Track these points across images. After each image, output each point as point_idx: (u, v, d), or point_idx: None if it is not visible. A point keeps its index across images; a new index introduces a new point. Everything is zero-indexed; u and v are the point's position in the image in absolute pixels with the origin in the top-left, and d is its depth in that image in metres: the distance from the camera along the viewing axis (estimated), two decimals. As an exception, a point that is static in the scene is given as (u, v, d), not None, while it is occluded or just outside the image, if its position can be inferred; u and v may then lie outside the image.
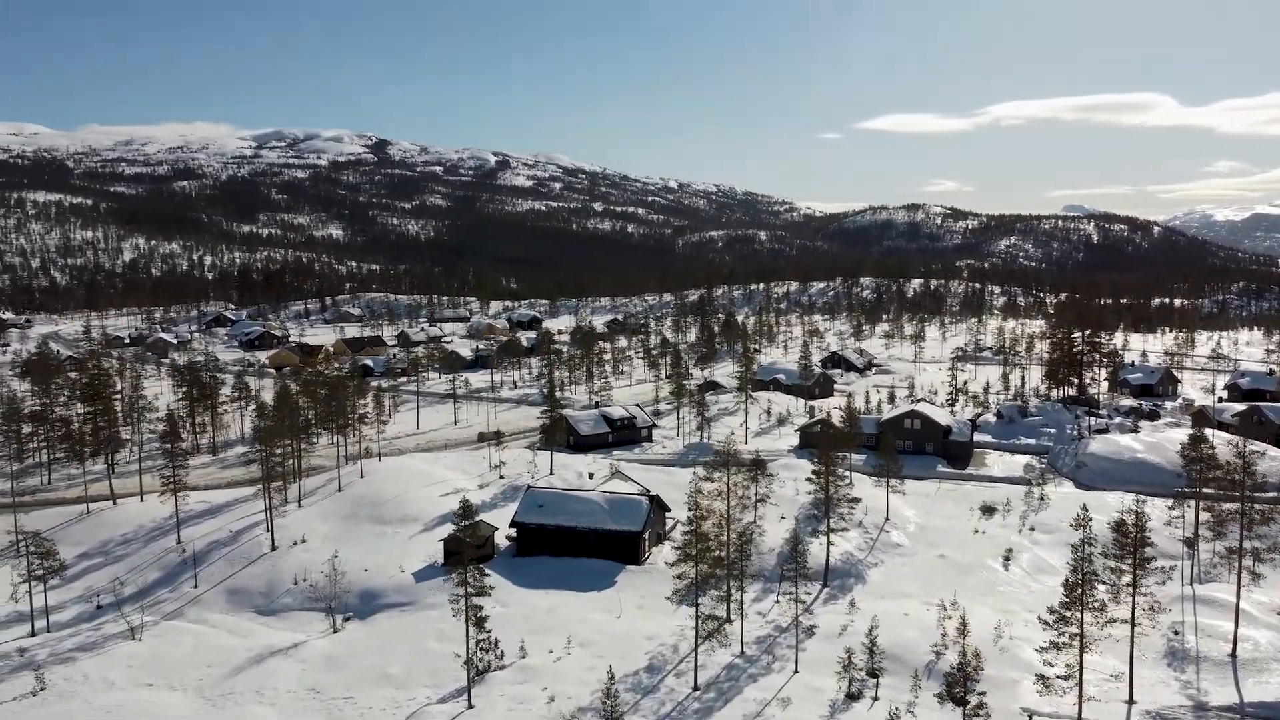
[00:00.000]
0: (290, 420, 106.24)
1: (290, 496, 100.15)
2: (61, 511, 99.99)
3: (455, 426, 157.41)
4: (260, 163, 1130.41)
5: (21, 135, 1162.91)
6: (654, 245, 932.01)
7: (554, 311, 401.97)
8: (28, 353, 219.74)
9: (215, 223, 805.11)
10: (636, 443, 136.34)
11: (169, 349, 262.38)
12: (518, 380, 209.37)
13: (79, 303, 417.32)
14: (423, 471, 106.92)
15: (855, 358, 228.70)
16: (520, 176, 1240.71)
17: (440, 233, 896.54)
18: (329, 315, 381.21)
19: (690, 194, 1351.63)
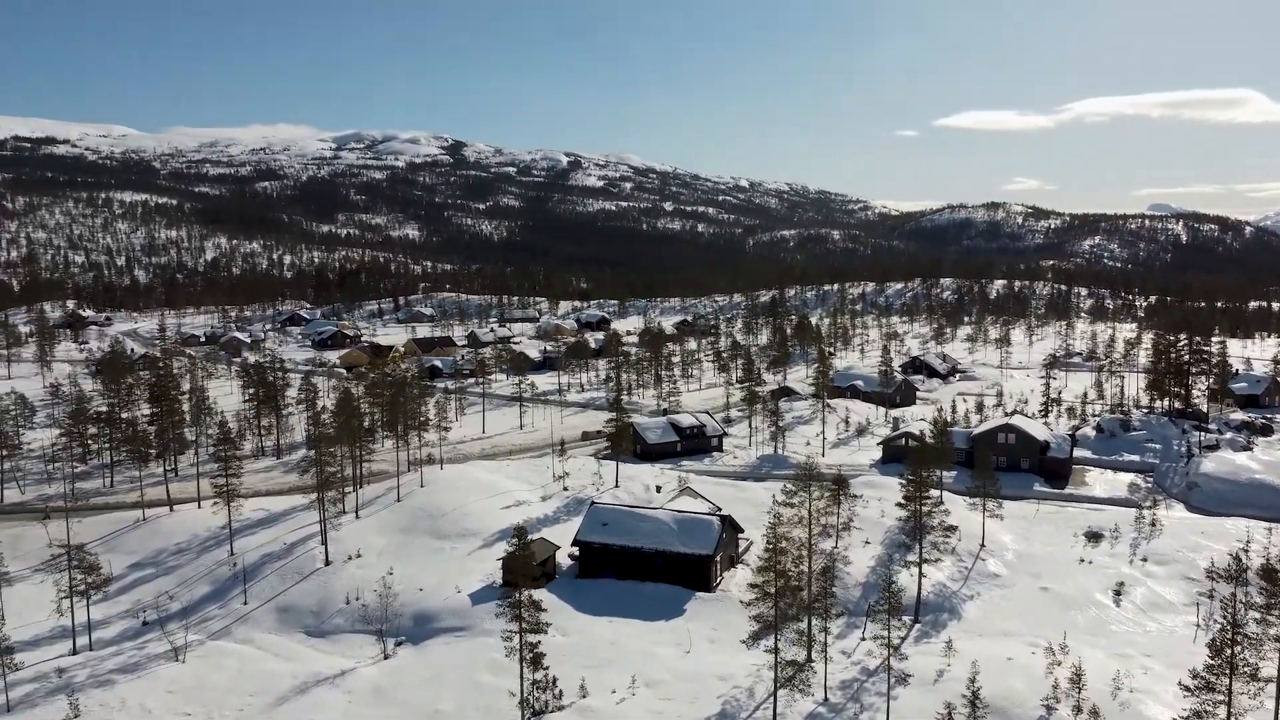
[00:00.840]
0: (348, 426, 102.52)
1: (348, 505, 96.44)
2: (118, 518, 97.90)
3: (521, 431, 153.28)
4: (340, 164, 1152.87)
5: (110, 137, 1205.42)
6: (724, 245, 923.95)
7: (623, 312, 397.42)
8: (101, 351, 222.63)
9: (295, 222, 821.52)
10: (706, 452, 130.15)
11: (242, 348, 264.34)
12: (585, 383, 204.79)
13: (159, 301, 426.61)
14: (484, 481, 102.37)
15: (938, 363, 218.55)
16: (591, 177, 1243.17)
17: (512, 232, 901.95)
18: (401, 315, 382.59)
19: (761, 193, 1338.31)
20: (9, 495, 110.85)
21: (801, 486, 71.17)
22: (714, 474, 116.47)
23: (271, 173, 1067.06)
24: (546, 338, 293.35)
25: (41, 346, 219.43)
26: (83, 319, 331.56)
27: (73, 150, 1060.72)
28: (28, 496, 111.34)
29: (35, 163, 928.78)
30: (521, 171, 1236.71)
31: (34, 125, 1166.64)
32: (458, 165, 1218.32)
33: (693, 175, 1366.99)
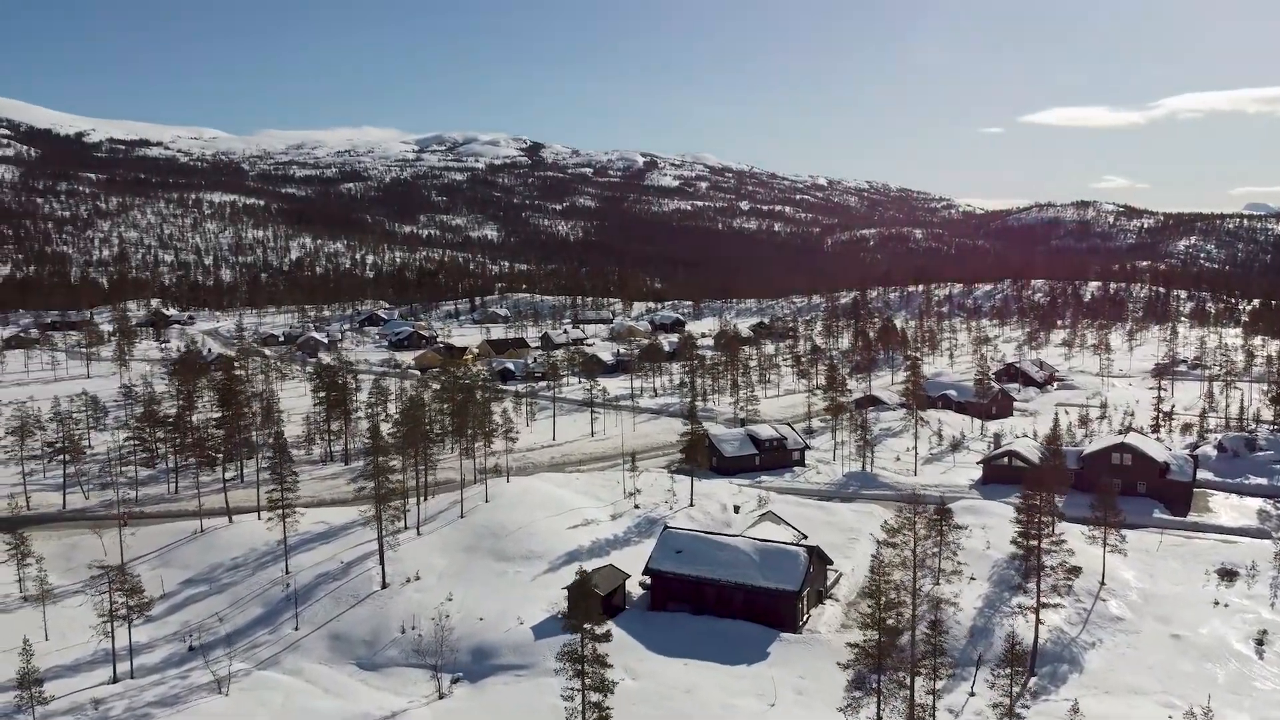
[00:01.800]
0: (412, 434, 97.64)
1: (410, 520, 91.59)
2: (176, 528, 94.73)
3: (592, 439, 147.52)
4: (422, 165, 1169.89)
5: (201, 139, 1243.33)
6: (801, 244, 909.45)
7: (697, 313, 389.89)
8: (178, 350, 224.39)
9: (378, 223, 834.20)
10: (787, 466, 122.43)
11: (319, 348, 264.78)
12: (658, 387, 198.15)
13: (242, 300, 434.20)
14: (552, 497, 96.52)
15: (1034, 370, 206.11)
16: (667, 176, 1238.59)
17: (588, 233, 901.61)
18: (477, 315, 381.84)
19: (840, 191, 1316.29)
20: (72, 500, 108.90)
21: (905, 522, 63.05)
22: (796, 492, 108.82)
23: (356, 174, 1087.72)
24: (619, 340, 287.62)
25: (120, 346, 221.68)
26: (166, 318, 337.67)
27: (165, 152, 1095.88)
28: (91, 502, 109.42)
29: (129, 164, 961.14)
30: (598, 172, 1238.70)
31: (128, 128, 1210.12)
32: (536, 166, 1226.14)
33: (769, 174, 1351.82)
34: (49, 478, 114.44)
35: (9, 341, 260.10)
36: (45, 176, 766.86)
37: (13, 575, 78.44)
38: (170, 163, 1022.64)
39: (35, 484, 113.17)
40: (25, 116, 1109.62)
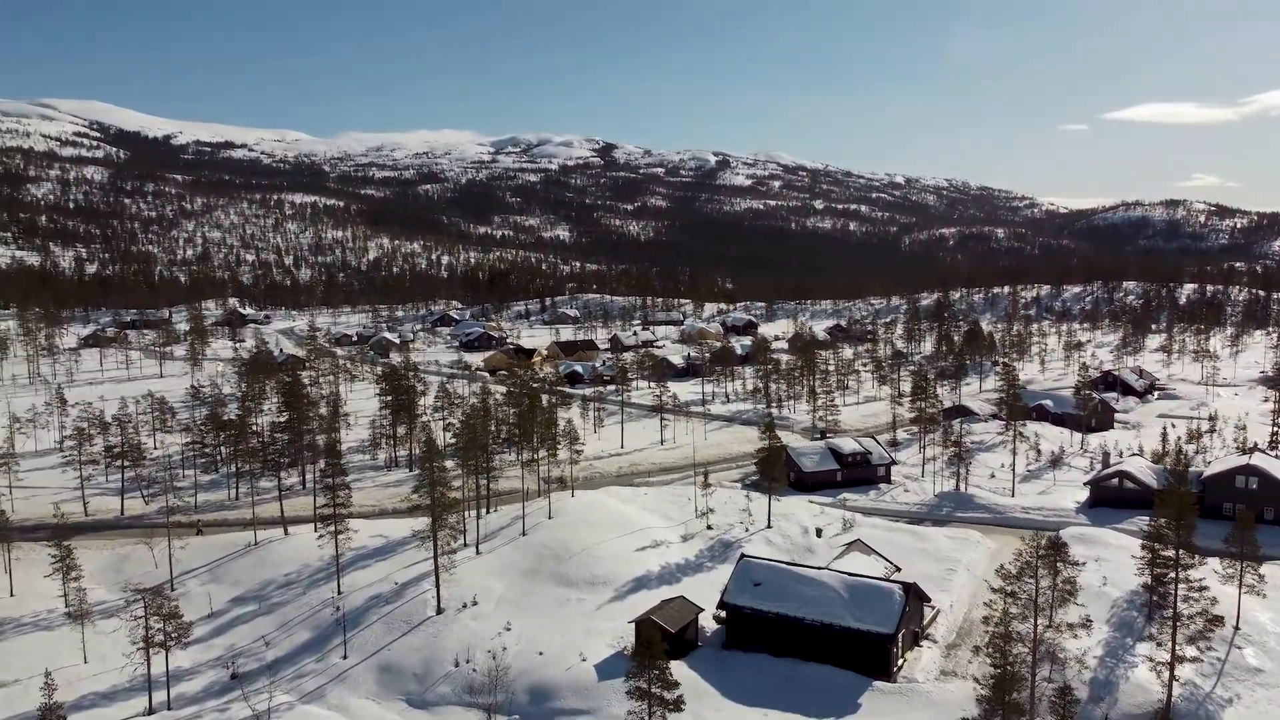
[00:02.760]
0: (473, 444, 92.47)
1: (469, 536, 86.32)
2: (230, 540, 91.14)
3: (661, 447, 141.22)
4: (497, 167, 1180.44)
5: (284, 141, 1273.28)
6: (878, 244, 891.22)
7: (770, 315, 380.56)
8: (250, 350, 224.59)
9: (454, 224, 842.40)
10: (871, 483, 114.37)
11: (391, 349, 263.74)
12: (730, 393, 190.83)
13: (318, 299, 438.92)
14: (618, 515, 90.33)
15: (1134, 379, 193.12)
16: (739, 176, 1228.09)
17: (659, 233, 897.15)
18: (547, 316, 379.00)
19: (918, 189, 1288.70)
20: (131, 506, 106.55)
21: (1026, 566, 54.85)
22: (883, 513, 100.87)
23: (433, 176, 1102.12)
24: (690, 342, 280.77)
25: (193, 345, 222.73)
26: (242, 317, 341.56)
27: (249, 154, 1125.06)
28: (150, 508, 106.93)
29: (214, 166, 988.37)
30: (669, 172, 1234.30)
31: (214, 130, 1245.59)
32: (608, 167, 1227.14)
33: (844, 172, 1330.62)
34: (110, 481, 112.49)
35: (86, 340, 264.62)
36: (133, 178, 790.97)
37: (58, 589, 75.25)
38: (254, 164, 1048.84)
39: (96, 488, 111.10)
40: (115, 119, 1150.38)
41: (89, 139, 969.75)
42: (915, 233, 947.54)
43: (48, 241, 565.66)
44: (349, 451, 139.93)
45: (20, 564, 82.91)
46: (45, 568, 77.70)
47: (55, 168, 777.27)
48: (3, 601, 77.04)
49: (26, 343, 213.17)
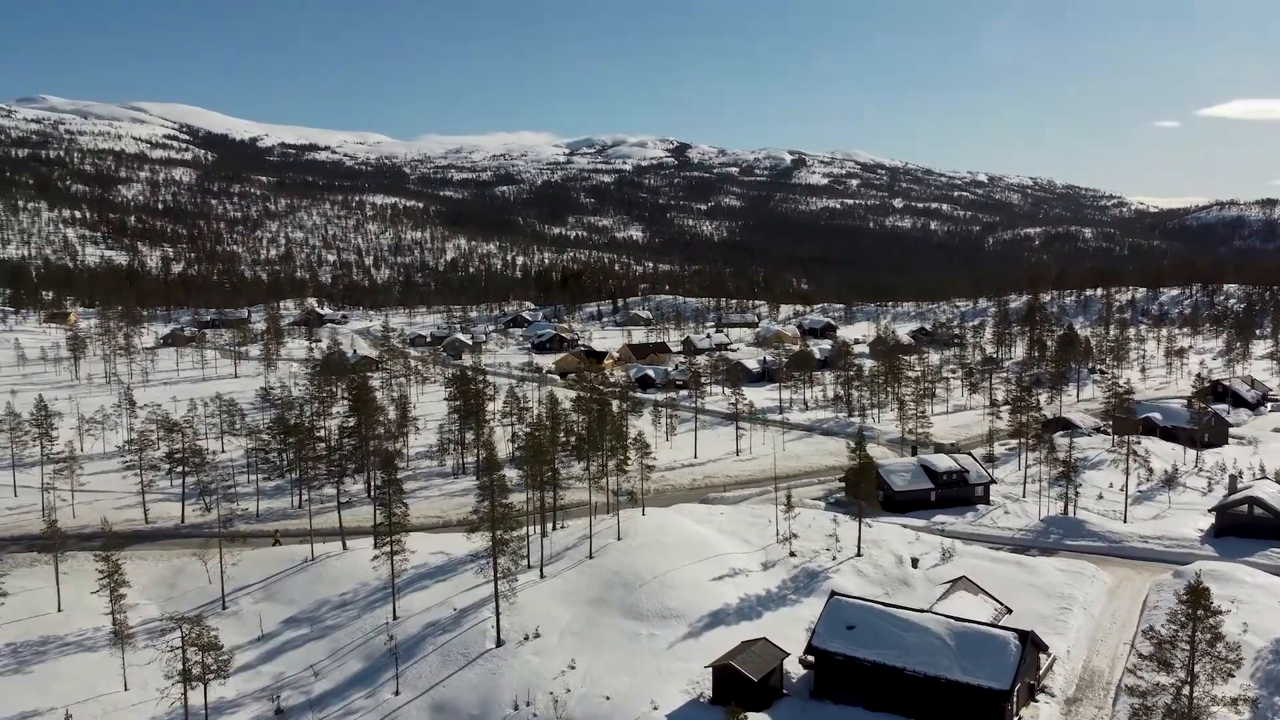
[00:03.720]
0: (538, 456, 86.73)
1: (533, 556, 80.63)
2: (287, 554, 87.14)
3: (737, 458, 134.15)
4: (572, 168, 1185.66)
5: (366, 144, 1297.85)
6: (959, 244, 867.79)
7: (849, 317, 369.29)
8: (323, 350, 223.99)
9: (529, 225, 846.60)
10: (968, 503, 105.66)
11: (463, 350, 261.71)
12: (809, 400, 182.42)
13: (395, 299, 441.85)
14: (692, 537, 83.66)
15: (1244, 389, 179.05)
16: (816, 174, 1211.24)
17: (732, 233, 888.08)
18: (619, 318, 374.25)
19: (1002, 188, 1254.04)
20: (192, 514, 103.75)
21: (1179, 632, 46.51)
22: (983, 539, 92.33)
23: (510, 177, 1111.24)
24: (765, 345, 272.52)
25: (268, 345, 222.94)
26: (320, 316, 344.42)
27: (332, 156, 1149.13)
28: (211, 516, 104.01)
29: (298, 167, 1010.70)
30: (744, 171, 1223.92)
31: (299, 133, 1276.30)
32: (682, 167, 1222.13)
33: (924, 170, 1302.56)
34: (173, 486, 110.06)
35: (165, 339, 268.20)
36: (220, 179, 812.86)
37: (106, 605, 71.74)
38: (336, 166, 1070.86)
39: (159, 493, 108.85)
40: (203, 122, 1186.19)
41: (178, 141, 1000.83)
42: (999, 232, 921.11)
43: (136, 241, 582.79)
44: (417, 457, 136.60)
45: (72, 576, 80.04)
46: (96, 581, 74.32)
47: (145, 169, 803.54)
48: (49, 617, 74.01)
49: (103, 342, 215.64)
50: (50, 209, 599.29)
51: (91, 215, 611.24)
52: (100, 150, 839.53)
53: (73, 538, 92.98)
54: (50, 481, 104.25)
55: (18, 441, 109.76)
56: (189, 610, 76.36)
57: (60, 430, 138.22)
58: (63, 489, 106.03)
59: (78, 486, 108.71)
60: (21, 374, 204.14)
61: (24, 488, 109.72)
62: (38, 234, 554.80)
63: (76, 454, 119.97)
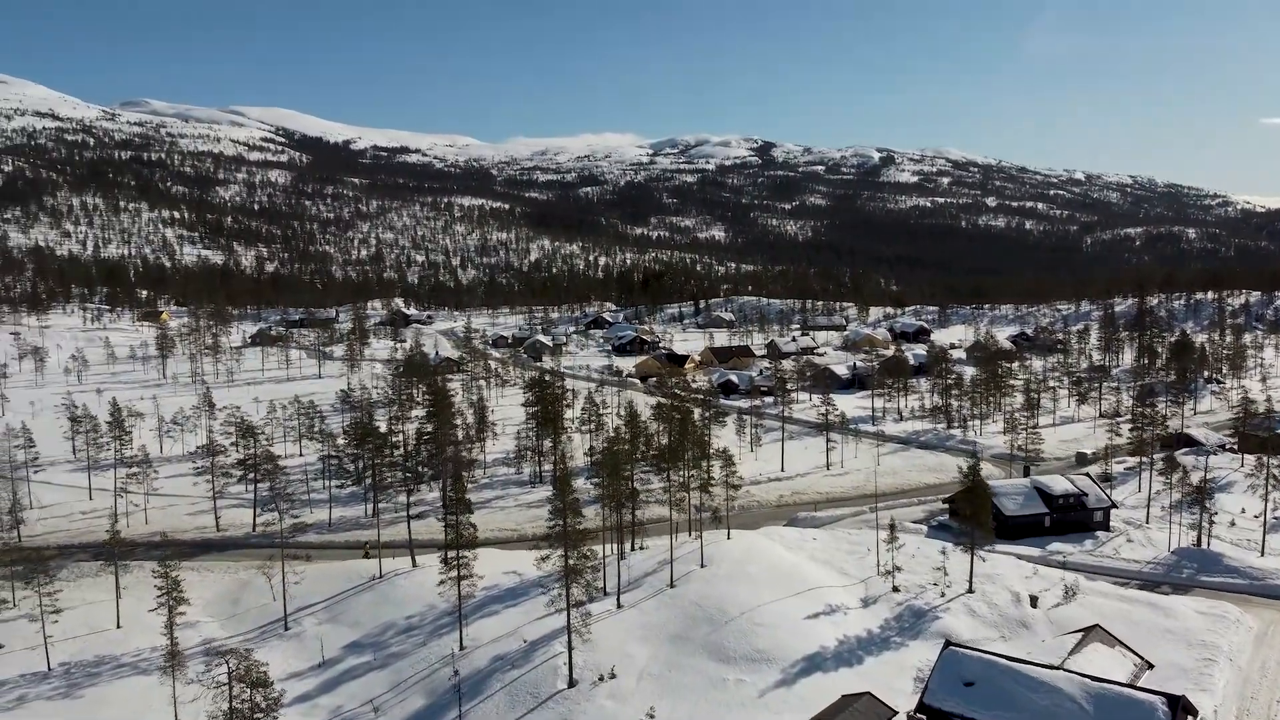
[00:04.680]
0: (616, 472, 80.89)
1: (609, 582, 74.94)
2: (355, 570, 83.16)
3: (827, 472, 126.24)
4: (655, 169, 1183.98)
5: (455, 147, 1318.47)
6: (1055, 244, 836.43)
7: (943, 320, 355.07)
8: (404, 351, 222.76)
9: (611, 225, 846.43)
10: (1086, 530, 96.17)
11: (544, 352, 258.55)
12: (903, 409, 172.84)
13: (479, 300, 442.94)
14: (783, 565, 76.65)
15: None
16: (905, 172, 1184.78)
17: (818, 232, 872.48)
18: (701, 319, 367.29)
19: (1100, 186, 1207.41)
20: (264, 522, 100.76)
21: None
22: (1106, 572, 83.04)
23: (593, 178, 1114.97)
24: (854, 349, 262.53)
25: (352, 345, 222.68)
26: (405, 317, 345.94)
27: (422, 159, 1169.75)
28: (286, 523, 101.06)
29: (389, 170, 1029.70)
30: (830, 170, 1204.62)
31: (391, 136, 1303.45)
32: (766, 166, 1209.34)
33: (1019, 168, 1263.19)
34: (247, 491, 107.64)
35: (253, 338, 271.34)
36: (314, 181, 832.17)
37: (164, 623, 68.43)
38: (426, 169, 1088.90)
39: (232, 498, 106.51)
40: (299, 125, 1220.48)
41: (274, 144, 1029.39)
42: (1097, 232, 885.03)
43: (232, 241, 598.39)
44: (493, 463, 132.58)
45: (135, 588, 77.36)
46: (154, 599, 71.18)
47: (242, 171, 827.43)
48: (108, 634, 71.23)
49: (190, 341, 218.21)
50: (150, 209, 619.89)
51: (190, 216, 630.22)
52: (199, 152, 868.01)
53: (141, 545, 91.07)
54: (124, 485, 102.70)
55: (94, 444, 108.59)
56: (250, 630, 73.12)
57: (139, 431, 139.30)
58: (136, 493, 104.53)
59: (151, 490, 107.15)
60: (111, 372, 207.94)
61: (100, 490, 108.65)
62: (137, 234, 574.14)
63: (151, 457, 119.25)
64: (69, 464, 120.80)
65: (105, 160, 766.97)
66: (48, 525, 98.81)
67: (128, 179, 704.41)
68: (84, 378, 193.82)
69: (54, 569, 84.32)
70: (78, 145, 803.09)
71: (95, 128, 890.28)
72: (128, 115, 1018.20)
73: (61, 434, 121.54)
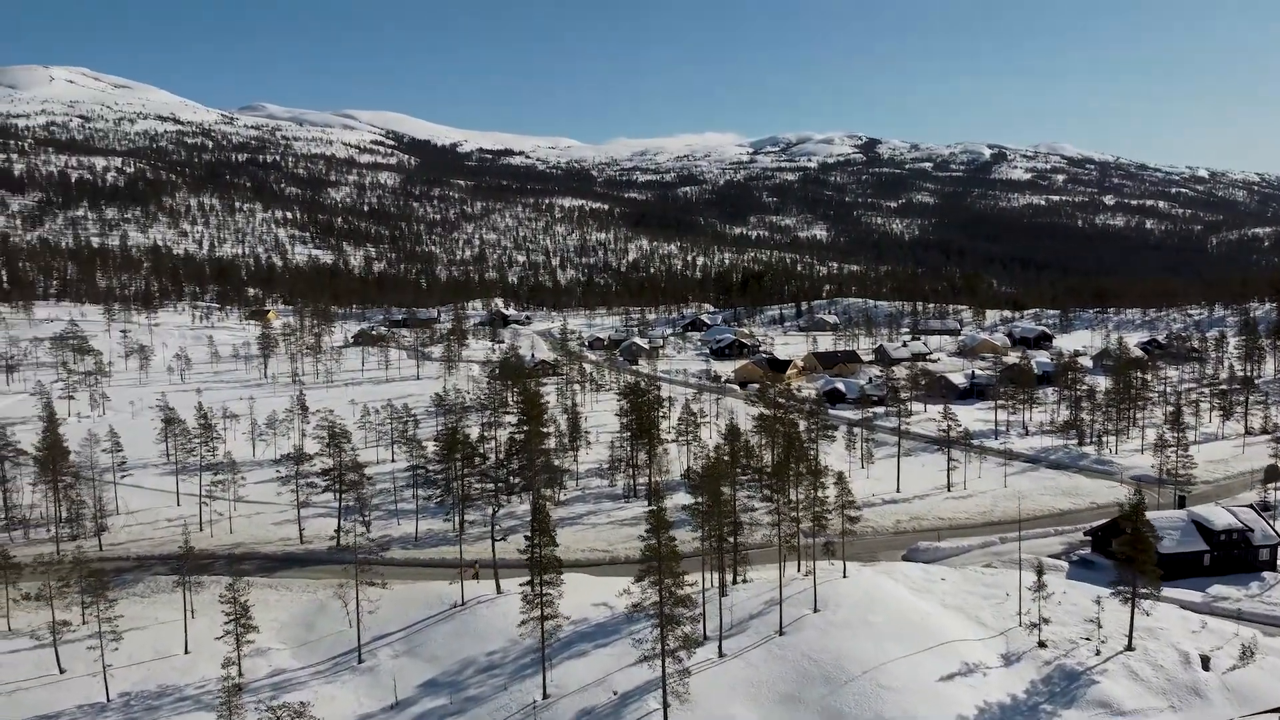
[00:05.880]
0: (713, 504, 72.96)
1: (708, 622, 67.20)
2: (435, 594, 77.26)
3: (948, 494, 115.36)
4: (755, 167, 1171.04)
5: (557, 148, 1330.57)
6: (1178, 244, 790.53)
7: (1065, 325, 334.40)
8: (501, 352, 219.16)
9: (710, 225, 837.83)
10: (1251, 570, 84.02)
11: (640, 354, 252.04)
12: (1028, 423, 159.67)
13: (576, 300, 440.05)
14: (909, 613, 67.45)
15: None
16: (1017, 169, 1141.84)
17: (925, 231, 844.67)
18: (803, 322, 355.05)
19: (1225, 184, 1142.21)
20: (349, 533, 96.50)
21: None
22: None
23: (692, 178, 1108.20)
24: (970, 355, 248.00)
25: (449, 346, 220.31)
26: (504, 317, 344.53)
27: (525, 160, 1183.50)
28: (373, 535, 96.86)
29: (494, 172, 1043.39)
30: (938, 167, 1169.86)
31: (496, 139, 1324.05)
32: (870, 163, 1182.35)
33: (1139, 165, 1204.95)
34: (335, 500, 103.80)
35: (356, 337, 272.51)
36: (421, 183, 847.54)
37: (230, 647, 63.77)
38: (529, 170, 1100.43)
39: (319, 506, 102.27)
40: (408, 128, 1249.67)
41: (384, 147, 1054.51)
42: (1223, 232, 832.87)
43: (341, 241, 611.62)
44: (586, 474, 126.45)
45: (209, 609, 72.98)
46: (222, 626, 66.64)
47: (353, 173, 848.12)
48: (174, 660, 67.00)
49: (292, 341, 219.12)
50: (264, 210, 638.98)
51: (302, 216, 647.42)
52: (312, 155, 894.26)
53: (220, 558, 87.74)
54: (209, 491, 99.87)
55: (183, 448, 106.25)
56: (322, 661, 68.03)
57: (233, 434, 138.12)
58: (222, 499, 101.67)
59: (238, 497, 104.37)
60: (213, 371, 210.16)
61: (188, 496, 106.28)
62: (251, 233, 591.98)
63: (241, 461, 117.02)
64: (159, 467, 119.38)
65: (223, 162, 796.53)
66: (131, 533, 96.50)
67: (244, 180, 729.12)
68: (186, 377, 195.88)
69: (130, 582, 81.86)
70: (197, 148, 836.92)
71: (214, 131, 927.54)
72: (245, 119, 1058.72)
73: (155, 435, 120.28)
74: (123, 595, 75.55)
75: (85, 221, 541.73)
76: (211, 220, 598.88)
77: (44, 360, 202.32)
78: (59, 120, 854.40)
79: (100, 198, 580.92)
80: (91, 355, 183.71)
